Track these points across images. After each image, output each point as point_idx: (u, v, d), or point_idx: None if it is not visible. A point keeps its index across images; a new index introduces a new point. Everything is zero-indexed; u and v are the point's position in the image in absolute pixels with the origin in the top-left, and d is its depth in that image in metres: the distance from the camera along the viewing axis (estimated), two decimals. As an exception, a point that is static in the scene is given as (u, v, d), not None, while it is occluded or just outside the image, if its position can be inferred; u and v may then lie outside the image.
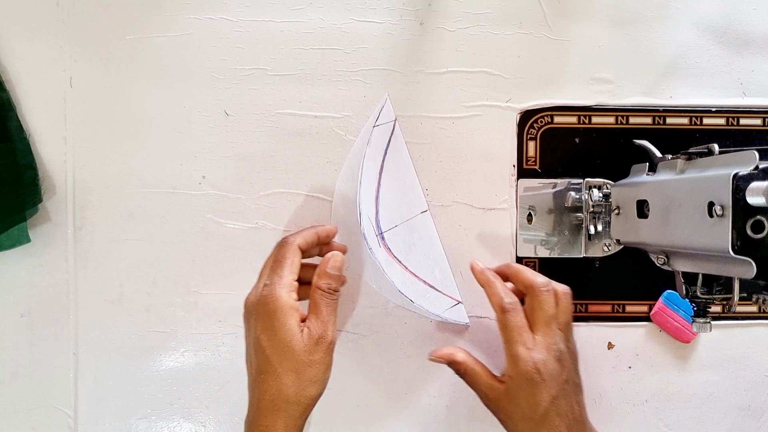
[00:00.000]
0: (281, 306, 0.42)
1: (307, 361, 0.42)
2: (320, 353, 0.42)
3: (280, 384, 0.42)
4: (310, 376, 0.42)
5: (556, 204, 0.54)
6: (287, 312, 0.42)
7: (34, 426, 0.53)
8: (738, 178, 0.36)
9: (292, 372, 0.42)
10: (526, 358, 0.44)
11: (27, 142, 0.51)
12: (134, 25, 0.52)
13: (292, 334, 0.42)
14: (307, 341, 0.42)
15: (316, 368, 0.42)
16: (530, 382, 0.43)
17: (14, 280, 0.52)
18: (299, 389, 0.42)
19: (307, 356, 0.42)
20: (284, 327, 0.42)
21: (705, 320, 0.44)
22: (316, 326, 0.43)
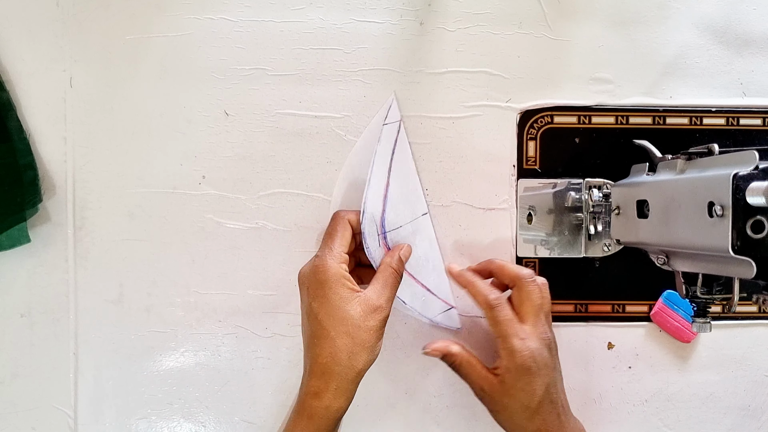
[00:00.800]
0: (332, 275, 0.44)
1: (363, 326, 0.44)
2: (374, 321, 0.44)
3: (334, 347, 0.43)
4: (363, 340, 0.44)
5: (556, 204, 0.54)
6: (338, 281, 0.44)
7: (34, 426, 0.53)
8: (738, 178, 0.36)
9: (345, 335, 0.43)
10: (522, 349, 0.45)
11: (27, 142, 0.51)
12: (134, 25, 0.52)
13: (346, 300, 0.44)
14: (364, 307, 0.44)
15: (369, 334, 0.44)
16: (527, 372, 0.45)
17: (14, 280, 0.52)
18: (352, 353, 0.43)
19: (363, 321, 0.44)
20: (336, 294, 0.44)
21: (705, 320, 0.44)
22: (375, 296, 0.45)
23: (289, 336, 0.53)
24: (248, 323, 0.53)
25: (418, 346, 0.53)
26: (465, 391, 0.54)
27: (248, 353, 0.53)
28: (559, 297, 0.54)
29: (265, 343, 0.53)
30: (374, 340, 0.45)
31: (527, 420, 0.45)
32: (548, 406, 0.45)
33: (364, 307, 0.44)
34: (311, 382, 0.44)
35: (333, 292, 0.44)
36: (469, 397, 0.54)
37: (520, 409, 0.45)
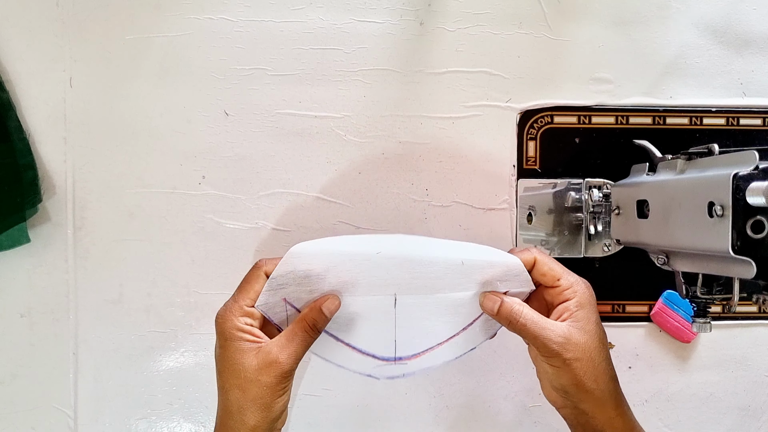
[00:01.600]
0: (228, 327, 0.42)
1: (255, 381, 0.41)
2: (270, 377, 0.41)
3: (226, 400, 0.42)
4: (255, 396, 0.41)
5: (556, 204, 0.54)
6: (233, 334, 0.42)
7: (34, 426, 0.53)
8: (738, 178, 0.36)
9: (237, 389, 0.41)
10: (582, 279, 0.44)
11: (27, 142, 0.51)
12: (134, 25, 0.52)
13: (241, 352, 0.41)
14: (260, 359, 0.41)
15: (262, 389, 0.41)
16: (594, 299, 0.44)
17: (14, 280, 0.52)
18: (242, 408, 0.41)
19: (256, 375, 0.41)
20: (232, 346, 0.41)
21: (705, 320, 0.44)
22: (276, 350, 0.41)
23: (289, 336, 0.53)
24: (248, 323, 0.53)
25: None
26: (465, 391, 0.54)
27: (248, 353, 0.53)
28: (559, 297, 0.54)
29: (265, 343, 0.53)
30: (269, 397, 0.41)
31: (605, 361, 0.42)
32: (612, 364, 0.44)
33: (260, 360, 0.41)
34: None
35: (229, 344, 0.41)
36: (469, 397, 0.55)
37: (599, 347, 0.42)
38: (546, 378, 0.44)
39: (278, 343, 0.42)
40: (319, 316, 0.43)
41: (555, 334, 0.42)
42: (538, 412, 0.54)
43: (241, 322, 0.42)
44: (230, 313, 0.42)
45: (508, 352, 0.54)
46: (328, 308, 0.43)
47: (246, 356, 0.41)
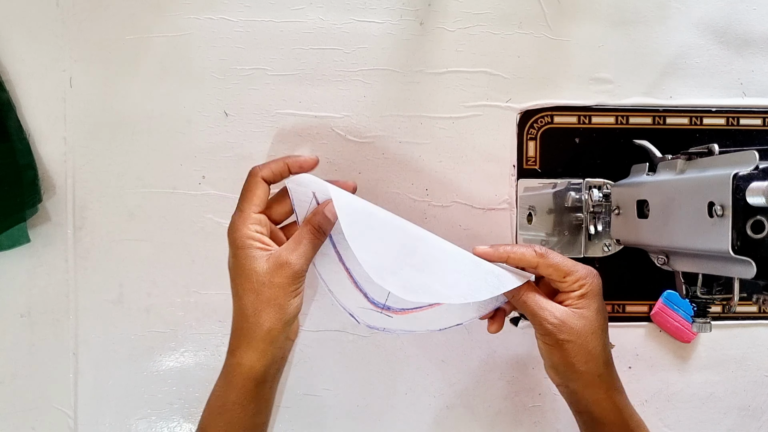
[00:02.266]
0: (239, 236, 0.43)
1: (268, 283, 0.42)
2: (281, 277, 0.42)
3: (240, 304, 0.43)
4: (269, 297, 0.42)
5: (556, 204, 0.54)
6: (244, 242, 0.43)
7: (34, 426, 0.53)
8: (738, 178, 0.36)
9: (250, 292, 0.43)
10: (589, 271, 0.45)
11: (27, 142, 0.51)
12: (134, 25, 0.52)
13: (253, 258, 0.43)
14: (271, 263, 0.43)
15: (275, 290, 0.42)
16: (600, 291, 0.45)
17: (14, 280, 0.52)
18: (257, 310, 0.43)
19: (269, 277, 0.42)
20: (243, 253, 0.43)
21: (705, 320, 0.44)
22: (286, 253, 0.43)
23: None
24: (248, 323, 0.53)
25: (418, 346, 0.53)
26: (465, 391, 0.54)
27: (248, 353, 0.53)
28: (559, 297, 0.54)
29: (265, 343, 0.53)
30: (283, 298, 0.43)
31: (599, 347, 0.44)
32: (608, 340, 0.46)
33: (272, 263, 0.43)
34: (229, 340, 0.45)
35: (241, 252, 0.43)
36: (469, 397, 0.55)
37: (593, 334, 0.44)
38: (542, 355, 0.46)
39: (287, 247, 0.43)
40: (323, 219, 0.44)
41: (552, 315, 0.44)
42: (538, 412, 0.54)
43: (251, 230, 0.44)
44: (240, 222, 0.44)
45: (508, 352, 0.54)
46: (330, 211, 0.45)
47: (258, 261, 0.43)
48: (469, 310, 0.47)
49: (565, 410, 0.54)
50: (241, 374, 0.44)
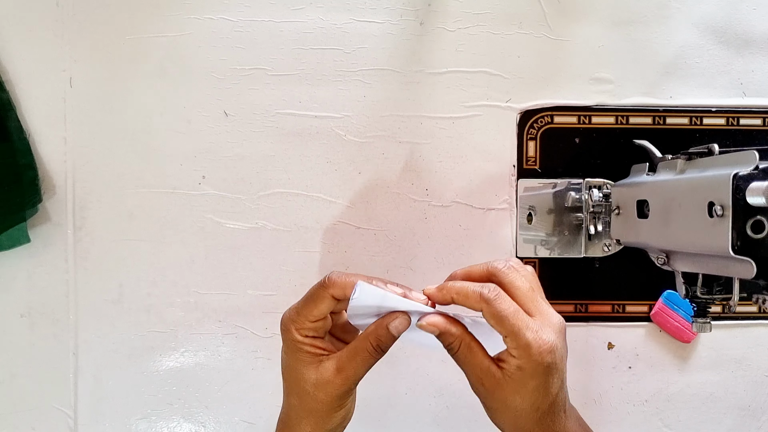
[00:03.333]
0: (290, 338, 0.40)
1: (311, 393, 0.40)
2: (325, 395, 0.40)
3: (287, 403, 0.42)
4: (311, 409, 0.40)
5: (556, 204, 0.54)
6: (295, 345, 0.40)
7: (34, 426, 0.53)
8: (738, 178, 0.36)
9: (295, 395, 0.41)
10: (540, 344, 0.37)
11: (27, 142, 0.51)
12: (134, 25, 0.52)
13: (303, 363, 0.40)
14: (318, 376, 0.40)
15: (318, 404, 0.40)
16: (546, 371, 0.38)
17: (14, 280, 0.52)
18: (299, 416, 0.41)
19: (312, 388, 0.40)
20: (294, 356, 0.40)
21: (705, 320, 0.44)
22: (334, 369, 0.40)
23: (289, 336, 0.53)
24: (248, 323, 0.53)
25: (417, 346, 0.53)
26: (465, 391, 0.54)
27: (248, 353, 0.53)
28: (559, 297, 0.54)
29: (265, 343, 0.53)
30: (324, 412, 0.40)
31: (535, 423, 0.39)
32: (559, 405, 0.40)
33: (318, 377, 0.39)
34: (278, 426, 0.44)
35: (292, 353, 0.40)
36: (469, 397, 0.54)
37: (528, 411, 0.39)
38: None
39: (339, 360, 0.40)
40: (385, 334, 0.40)
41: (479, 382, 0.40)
42: (538, 412, 0.54)
43: (299, 336, 0.40)
44: (293, 323, 0.40)
45: (508, 352, 0.54)
46: (396, 327, 0.40)
47: (307, 368, 0.40)
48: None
49: (565, 410, 0.54)
50: None
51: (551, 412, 0.40)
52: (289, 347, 0.40)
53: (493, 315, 0.38)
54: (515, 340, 0.38)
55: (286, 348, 0.41)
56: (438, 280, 0.54)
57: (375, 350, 0.40)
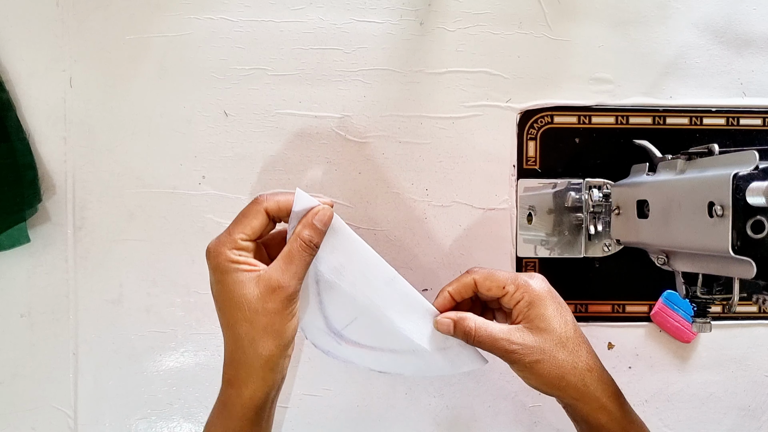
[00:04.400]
0: (223, 260, 0.40)
1: (262, 310, 0.40)
2: (276, 302, 0.40)
3: (234, 335, 0.40)
4: (264, 324, 0.40)
5: (556, 204, 0.54)
6: (228, 266, 0.40)
7: (34, 426, 0.53)
8: (738, 178, 0.36)
9: (244, 321, 0.40)
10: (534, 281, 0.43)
11: (27, 142, 0.51)
12: (134, 25, 0.52)
13: (241, 284, 0.40)
14: (262, 287, 0.40)
15: (270, 317, 0.40)
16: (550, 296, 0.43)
17: (14, 280, 0.52)
18: (253, 339, 0.40)
19: (260, 303, 0.40)
20: (230, 278, 0.40)
21: (705, 320, 0.44)
22: (277, 274, 0.40)
23: (289, 336, 0.53)
24: (248, 323, 0.53)
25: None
26: (465, 391, 0.54)
27: (248, 353, 0.53)
28: (559, 297, 0.54)
29: (265, 343, 0.53)
30: (279, 323, 0.40)
31: (574, 355, 0.42)
32: (583, 337, 0.43)
33: (263, 288, 0.40)
34: (224, 369, 0.42)
35: (226, 277, 0.40)
36: (469, 397, 0.55)
37: (559, 343, 0.42)
38: (522, 379, 0.44)
39: (277, 267, 0.40)
40: (313, 231, 0.41)
41: (509, 343, 0.41)
42: (538, 412, 0.54)
43: (235, 255, 0.40)
44: (223, 246, 0.40)
45: (508, 352, 0.54)
46: (320, 220, 0.42)
47: (247, 287, 0.40)
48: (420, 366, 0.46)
49: (565, 410, 0.54)
50: (242, 405, 0.41)
51: (582, 340, 0.43)
52: (223, 272, 0.40)
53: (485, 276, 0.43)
54: (512, 283, 0.43)
55: (221, 276, 0.40)
56: (438, 280, 0.54)
57: (308, 247, 0.41)
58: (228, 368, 0.42)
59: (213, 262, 0.40)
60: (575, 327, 0.43)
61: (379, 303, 0.44)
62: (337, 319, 0.45)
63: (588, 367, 0.42)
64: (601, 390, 0.43)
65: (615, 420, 0.43)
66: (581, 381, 0.42)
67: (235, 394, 0.41)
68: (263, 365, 0.40)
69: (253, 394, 0.41)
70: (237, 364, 0.41)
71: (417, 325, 0.45)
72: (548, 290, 0.43)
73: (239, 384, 0.41)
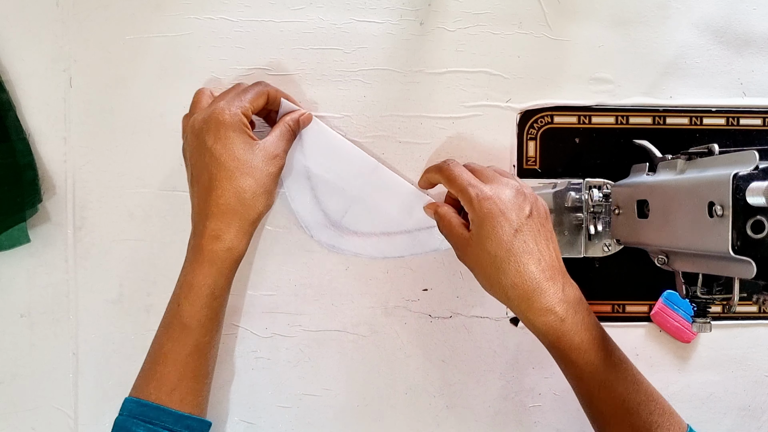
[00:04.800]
0: (235, 120, 0.45)
1: (264, 170, 0.46)
2: (274, 167, 0.46)
3: (237, 187, 0.45)
4: (264, 184, 0.46)
5: (556, 204, 0.54)
6: (239, 126, 0.45)
7: (34, 426, 0.53)
8: (738, 178, 0.36)
9: (249, 176, 0.45)
10: (480, 195, 0.43)
11: (27, 142, 0.51)
12: (134, 25, 0.52)
13: (248, 145, 0.45)
14: (264, 154, 0.46)
15: (269, 179, 0.46)
16: (489, 216, 0.43)
17: (14, 280, 0.52)
18: (255, 194, 0.45)
19: (264, 166, 0.45)
20: (239, 138, 0.45)
21: (705, 320, 0.44)
22: (273, 146, 0.47)
23: (288, 336, 0.53)
24: (248, 323, 0.53)
25: (417, 346, 0.53)
26: (465, 391, 0.54)
27: (248, 353, 0.53)
28: (559, 297, 0.54)
29: (265, 343, 0.53)
30: (273, 186, 0.47)
31: (500, 272, 0.43)
32: (523, 256, 0.42)
33: (264, 154, 0.46)
34: (210, 224, 0.45)
35: (236, 135, 0.45)
36: (469, 397, 0.54)
37: (490, 260, 0.43)
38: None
39: (272, 140, 0.47)
40: (295, 124, 0.49)
41: (461, 238, 0.45)
42: (538, 412, 0.54)
43: (245, 120, 0.46)
44: (236, 107, 0.45)
45: (507, 352, 0.54)
46: (304, 120, 0.50)
47: (252, 150, 0.45)
48: (413, 245, 0.52)
49: (565, 410, 0.54)
50: (230, 260, 0.46)
51: (512, 261, 0.42)
52: (235, 129, 0.45)
53: (446, 178, 0.46)
54: (462, 196, 0.45)
55: (231, 132, 0.45)
56: (438, 280, 0.54)
57: (293, 131, 0.49)
58: (217, 222, 0.45)
59: (223, 118, 0.45)
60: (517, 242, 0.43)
61: (368, 190, 0.51)
62: (334, 211, 0.51)
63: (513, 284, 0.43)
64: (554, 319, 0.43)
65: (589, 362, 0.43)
66: (506, 295, 0.43)
67: (224, 248, 0.45)
68: (255, 220, 0.46)
69: (241, 248, 0.46)
70: (233, 216, 0.45)
71: (404, 205, 0.52)
72: (500, 211, 0.43)
73: (231, 237, 0.45)
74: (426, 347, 0.53)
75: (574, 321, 0.43)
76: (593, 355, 0.43)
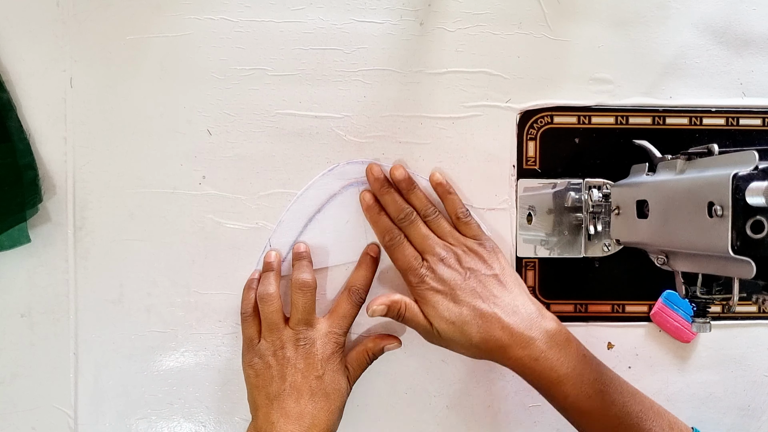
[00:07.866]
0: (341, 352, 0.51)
1: (345, 393, 0.51)
2: (348, 389, 0.51)
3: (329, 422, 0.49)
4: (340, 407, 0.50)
5: (555, 204, 0.54)
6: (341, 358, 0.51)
7: (34, 426, 0.53)
8: (738, 178, 0.36)
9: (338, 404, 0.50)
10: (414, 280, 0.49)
11: (27, 142, 0.51)
12: (134, 25, 0.52)
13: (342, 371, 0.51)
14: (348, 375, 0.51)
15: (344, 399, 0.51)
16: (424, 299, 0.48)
17: (14, 280, 0.52)
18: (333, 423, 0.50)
19: (347, 388, 0.51)
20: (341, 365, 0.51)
21: (705, 320, 0.44)
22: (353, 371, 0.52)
23: (289, 336, 0.53)
24: (248, 323, 0.53)
25: (418, 345, 0.53)
26: (465, 391, 0.54)
27: (248, 353, 0.53)
28: (558, 297, 0.54)
29: (265, 343, 0.53)
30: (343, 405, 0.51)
31: (476, 351, 0.47)
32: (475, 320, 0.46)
33: (350, 374, 0.51)
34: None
35: (341, 361, 0.51)
36: (469, 397, 0.55)
37: (463, 348, 0.48)
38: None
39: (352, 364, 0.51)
40: (378, 350, 0.52)
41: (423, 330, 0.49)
42: (538, 412, 0.54)
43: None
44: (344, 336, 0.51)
45: (508, 352, 0.54)
46: (389, 348, 0.52)
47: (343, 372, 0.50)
48: None
49: (565, 410, 0.54)
50: None
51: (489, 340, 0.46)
52: (341, 359, 0.50)
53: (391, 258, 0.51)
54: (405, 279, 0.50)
55: (339, 362, 0.50)
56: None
57: (370, 359, 0.52)
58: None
59: (337, 351, 0.50)
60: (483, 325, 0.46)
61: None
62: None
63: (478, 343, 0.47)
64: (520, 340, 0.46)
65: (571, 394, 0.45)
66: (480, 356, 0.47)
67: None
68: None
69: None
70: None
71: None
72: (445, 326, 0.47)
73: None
74: (426, 347, 0.53)
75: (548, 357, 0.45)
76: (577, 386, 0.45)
